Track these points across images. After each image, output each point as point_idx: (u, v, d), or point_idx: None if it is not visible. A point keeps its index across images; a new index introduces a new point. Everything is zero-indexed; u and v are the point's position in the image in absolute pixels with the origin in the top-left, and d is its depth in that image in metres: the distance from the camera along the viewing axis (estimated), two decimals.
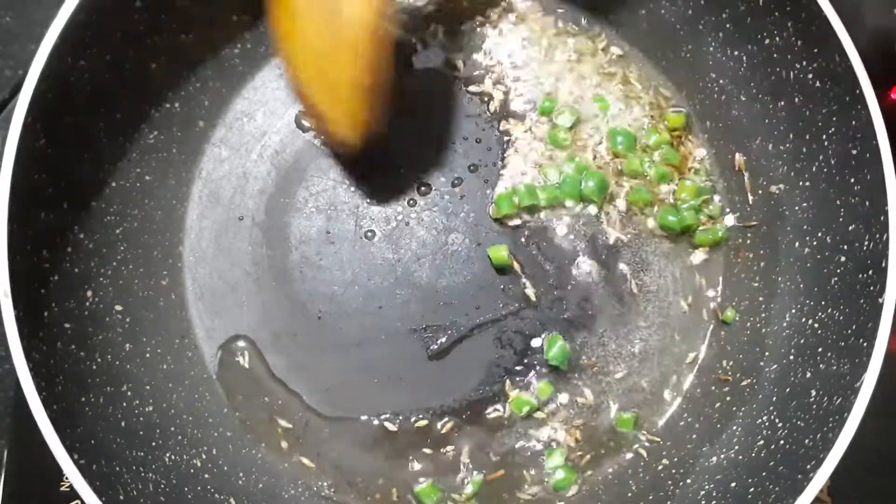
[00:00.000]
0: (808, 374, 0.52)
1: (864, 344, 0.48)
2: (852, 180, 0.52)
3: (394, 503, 0.57)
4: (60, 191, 0.52)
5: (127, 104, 0.56)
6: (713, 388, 0.59)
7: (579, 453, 0.58)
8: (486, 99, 0.62)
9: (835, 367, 0.50)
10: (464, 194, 0.61)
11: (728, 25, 0.57)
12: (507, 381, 0.58)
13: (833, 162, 0.53)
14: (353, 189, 0.61)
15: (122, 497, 0.48)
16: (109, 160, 0.56)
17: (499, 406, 0.58)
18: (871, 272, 0.50)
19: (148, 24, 0.55)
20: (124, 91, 0.56)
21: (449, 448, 0.58)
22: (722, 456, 0.55)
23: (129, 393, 0.54)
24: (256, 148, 0.62)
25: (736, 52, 0.58)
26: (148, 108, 0.58)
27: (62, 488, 0.57)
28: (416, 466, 0.58)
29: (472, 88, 0.62)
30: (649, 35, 0.62)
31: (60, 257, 0.52)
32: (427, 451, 0.58)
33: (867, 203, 0.50)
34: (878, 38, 0.60)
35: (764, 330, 0.57)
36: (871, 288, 0.49)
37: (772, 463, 0.51)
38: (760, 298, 0.58)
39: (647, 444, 0.58)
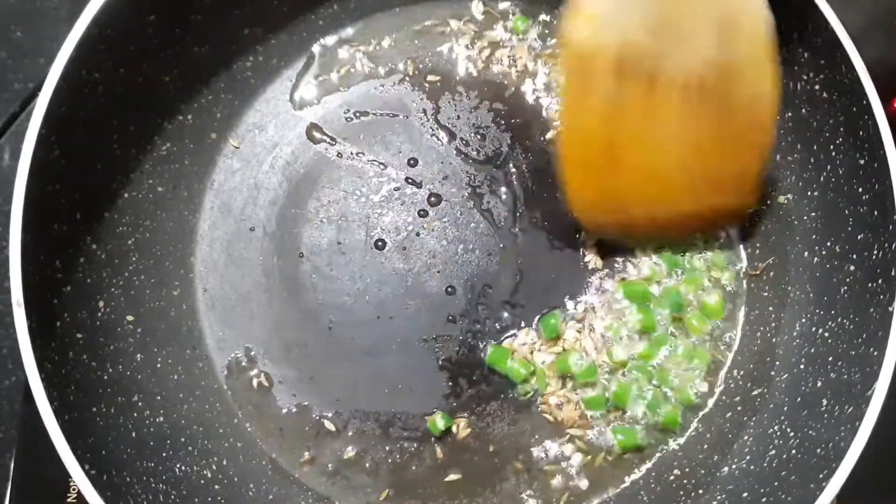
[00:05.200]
0: (819, 384, 0.53)
1: (875, 353, 0.48)
2: (860, 190, 0.52)
3: None
4: (74, 202, 0.52)
5: (140, 116, 0.57)
6: (724, 398, 0.59)
7: (591, 461, 0.58)
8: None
9: (845, 376, 0.50)
10: (473, 206, 0.61)
11: None
12: (519, 392, 0.58)
13: (841, 172, 0.54)
14: (363, 200, 0.62)
15: None
16: (122, 171, 0.57)
17: (509, 417, 0.58)
18: (880, 281, 0.50)
19: (161, 38, 0.56)
20: (137, 103, 0.56)
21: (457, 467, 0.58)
22: (734, 466, 0.55)
23: (139, 403, 0.54)
24: (268, 159, 0.62)
25: None
26: (161, 121, 0.59)
27: (69, 499, 0.57)
28: (428, 476, 0.57)
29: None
30: None
31: (73, 268, 0.52)
32: (437, 460, 0.58)
33: (875, 212, 0.51)
34: (884, 48, 0.61)
35: (774, 339, 0.57)
36: (881, 297, 0.49)
37: (784, 472, 0.51)
38: (770, 308, 0.59)
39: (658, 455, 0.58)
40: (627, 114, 0.49)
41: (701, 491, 0.55)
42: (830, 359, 0.52)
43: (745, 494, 0.52)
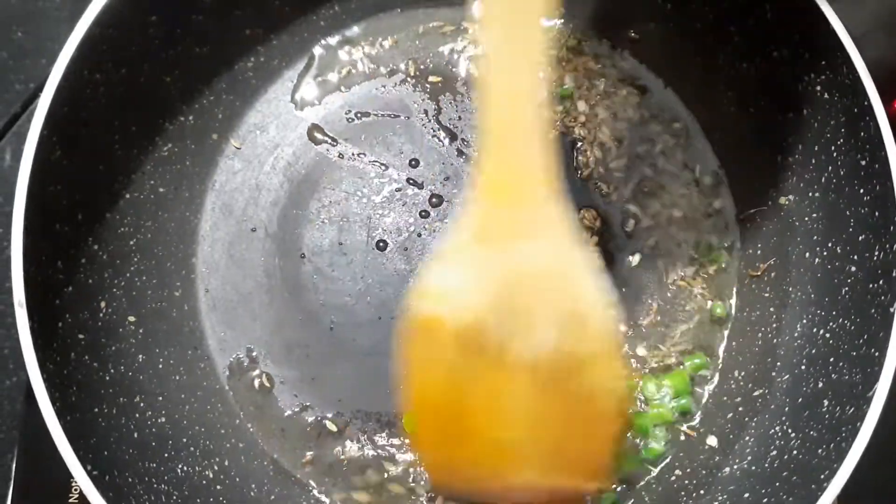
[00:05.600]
0: (821, 384, 0.53)
1: (876, 353, 0.48)
2: (861, 191, 0.52)
3: None
4: (75, 202, 0.52)
5: (141, 117, 0.57)
6: (725, 398, 0.59)
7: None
8: None
9: (847, 377, 0.50)
10: None
11: (736, 39, 0.58)
12: None
13: (842, 173, 0.54)
14: (365, 201, 0.62)
15: None
16: (124, 172, 0.57)
17: None
18: (881, 282, 0.50)
19: (162, 38, 0.56)
20: (139, 104, 0.56)
21: None
22: (735, 467, 0.55)
23: (141, 404, 0.54)
24: (269, 160, 0.62)
25: (744, 65, 0.58)
26: (162, 121, 0.59)
27: (70, 499, 0.57)
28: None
29: None
30: (658, 49, 0.63)
31: (75, 268, 0.52)
32: None
33: (876, 213, 0.51)
34: (886, 49, 0.61)
35: (775, 340, 0.57)
36: (882, 297, 0.49)
37: (785, 473, 0.51)
38: (771, 309, 0.59)
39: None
40: (475, 386, 0.47)
41: (702, 491, 0.55)
42: (832, 360, 0.52)
43: (746, 495, 0.52)
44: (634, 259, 0.61)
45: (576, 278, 0.45)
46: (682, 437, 0.58)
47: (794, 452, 0.51)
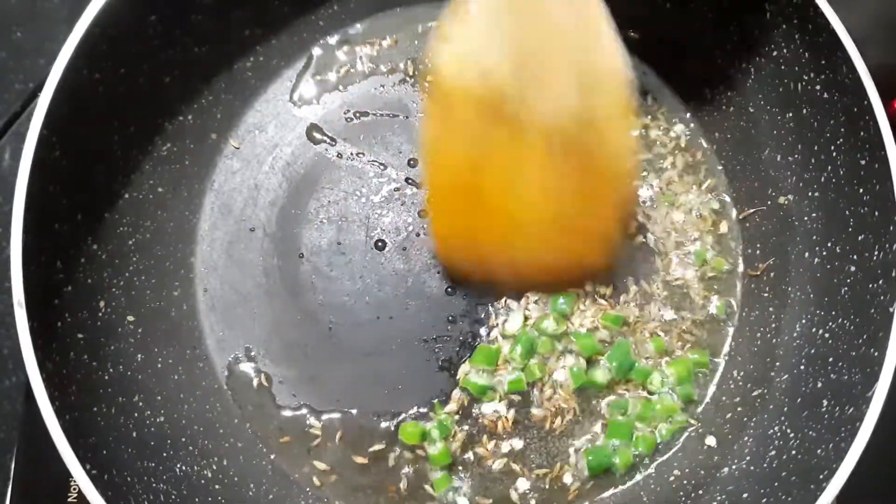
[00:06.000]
0: (820, 384, 0.52)
1: (876, 353, 0.48)
2: (861, 190, 0.52)
3: None
4: (74, 202, 0.52)
5: (140, 117, 0.57)
6: (724, 398, 0.59)
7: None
8: None
9: (846, 377, 0.50)
10: None
11: (735, 38, 0.58)
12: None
13: (841, 172, 0.54)
14: (363, 200, 0.62)
15: None
16: (123, 172, 0.57)
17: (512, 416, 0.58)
18: (881, 282, 0.50)
19: (162, 39, 0.56)
20: (138, 104, 0.56)
21: (465, 456, 0.58)
22: (734, 467, 0.55)
23: (140, 403, 0.54)
24: (268, 160, 0.62)
25: (744, 65, 0.58)
26: (161, 121, 0.59)
27: (70, 499, 0.57)
28: (429, 476, 0.58)
29: None
30: (658, 49, 0.63)
31: (74, 268, 0.52)
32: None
33: (876, 213, 0.51)
34: (886, 50, 0.61)
35: (774, 340, 0.57)
36: (882, 297, 0.49)
37: (784, 473, 0.51)
38: (771, 309, 0.59)
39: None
40: (491, 157, 0.48)
41: (701, 492, 0.55)
42: (831, 360, 0.52)
43: (745, 495, 0.52)
44: (634, 259, 0.61)
45: (593, 33, 0.46)
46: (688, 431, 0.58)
47: (793, 452, 0.51)
